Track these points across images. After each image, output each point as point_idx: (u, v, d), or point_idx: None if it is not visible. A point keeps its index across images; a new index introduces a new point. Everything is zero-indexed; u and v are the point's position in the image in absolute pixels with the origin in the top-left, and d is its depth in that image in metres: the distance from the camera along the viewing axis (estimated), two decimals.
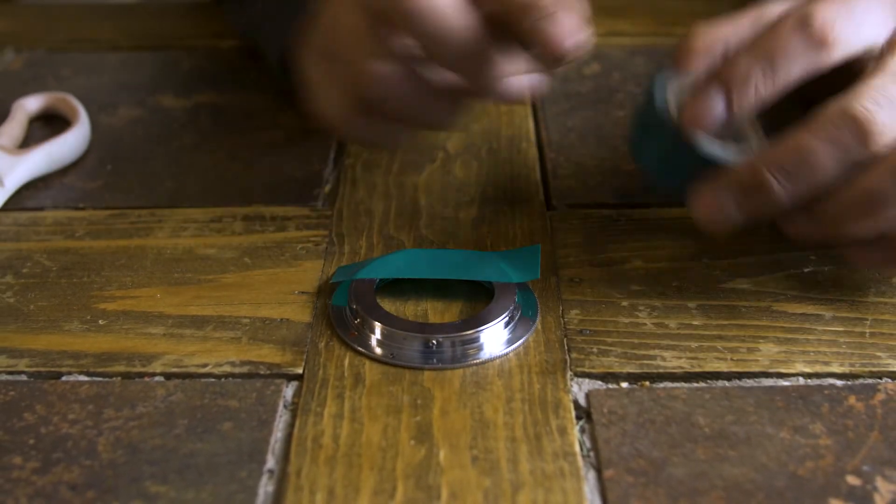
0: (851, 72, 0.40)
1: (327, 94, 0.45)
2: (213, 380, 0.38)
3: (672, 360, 0.39)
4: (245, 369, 0.39)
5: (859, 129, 0.37)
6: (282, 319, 0.41)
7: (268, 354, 0.40)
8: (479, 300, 0.42)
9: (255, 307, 0.42)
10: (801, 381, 0.38)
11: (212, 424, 0.36)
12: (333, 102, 0.45)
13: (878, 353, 0.39)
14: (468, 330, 0.39)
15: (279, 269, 0.45)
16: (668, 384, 0.38)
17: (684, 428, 0.36)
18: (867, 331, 0.40)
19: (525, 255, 0.44)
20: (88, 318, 0.42)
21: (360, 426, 0.36)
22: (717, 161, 0.39)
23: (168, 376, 0.39)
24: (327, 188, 0.51)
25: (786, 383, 0.38)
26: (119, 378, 0.39)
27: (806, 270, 0.44)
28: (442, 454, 0.35)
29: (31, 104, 0.57)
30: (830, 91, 0.39)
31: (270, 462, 0.35)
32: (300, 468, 0.34)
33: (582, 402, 0.37)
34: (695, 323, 0.41)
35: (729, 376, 0.38)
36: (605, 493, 0.33)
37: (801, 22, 0.39)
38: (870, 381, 0.38)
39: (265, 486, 0.34)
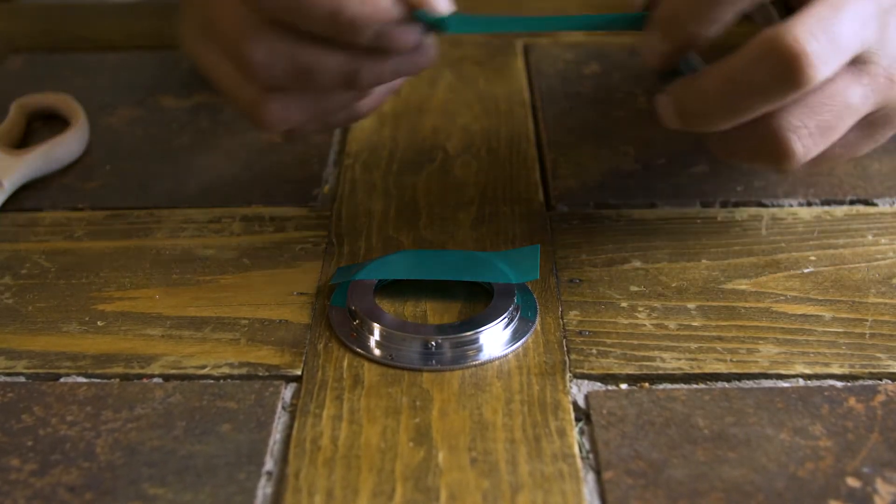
0: None
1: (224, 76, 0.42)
2: (211, 381, 0.38)
3: (671, 362, 0.39)
4: (244, 371, 0.39)
5: (789, 64, 0.35)
6: (280, 320, 0.41)
7: (266, 356, 0.40)
8: (478, 301, 0.42)
9: (254, 308, 0.42)
10: (801, 382, 0.38)
11: (210, 426, 0.36)
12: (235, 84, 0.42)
13: (878, 355, 0.39)
14: (467, 331, 0.39)
15: (278, 269, 0.45)
16: (668, 385, 0.38)
17: (684, 429, 0.36)
18: (867, 332, 0.40)
19: (524, 255, 0.44)
20: (87, 319, 0.42)
21: (359, 428, 0.36)
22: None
23: (166, 378, 0.39)
24: (327, 189, 0.51)
25: (785, 384, 0.38)
26: (117, 379, 0.39)
27: (806, 271, 0.44)
28: (441, 456, 0.35)
29: (31, 104, 0.57)
30: None
31: (269, 464, 0.35)
32: (299, 470, 0.34)
33: (581, 403, 0.37)
34: (694, 324, 0.41)
35: (728, 377, 0.38)
36: (604, 495, 0.33)
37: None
38: (870, 382, 0.38)
39: (264, 488, 0.34)
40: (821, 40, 0.35)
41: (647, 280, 0.43)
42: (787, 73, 0.35)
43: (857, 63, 0.37)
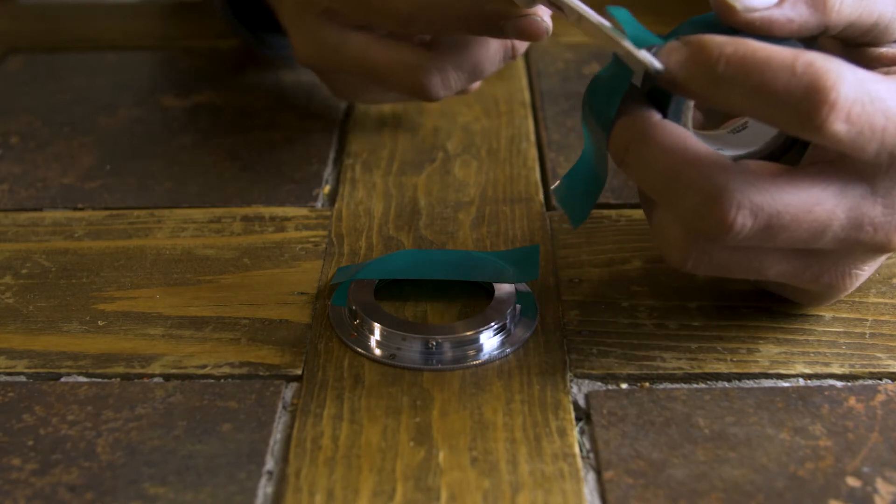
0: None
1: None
2: (212, 381, 0.38)
3: (672, 361, 0.39)
4: (244, 370, 0.39)
5: (815, 102, 0.31)
6: (281, 320, 0.41)
7: (267, 355, 0.40)
8: (478, 301, 0.42)
9: (255, 308, 0.42)
10: (801, 382, 0.38)
11: (211, 426, 0.36)
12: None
13: (878, 354, 0.39)
14: (468, 331, 0.39)
15: (278, 269, 0.45)
16: (668, 385, 0.38)
17: (684, 429, 0.36)
18: (867, 332, 0.40)
19: (524, 255, 0.44)
20: (87, 318, 0.42)
21: (360, 427, 0.36)
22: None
23: (167, 377, 0.39)
24: (327, 188, 0.51)
25: (786, 384, 0.38)
26: (118, 379, 0.39)
27: None
28: (441, 455, 0.35)
29: None
30: None
31: (269, 463, 0.35)
32: (299, 469, 0.34)
33: (581, 403, 0.37)
34: (695, 324, 0.41)
35: (729, 377, 0.38)
36: (604, 495, 0.33)
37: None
38: (870, 382, 0.38)
39: (264, 488, 0.34)
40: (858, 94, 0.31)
41: (647, 279, 0.43)
42: (809, 109, 0.31)
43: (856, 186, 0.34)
